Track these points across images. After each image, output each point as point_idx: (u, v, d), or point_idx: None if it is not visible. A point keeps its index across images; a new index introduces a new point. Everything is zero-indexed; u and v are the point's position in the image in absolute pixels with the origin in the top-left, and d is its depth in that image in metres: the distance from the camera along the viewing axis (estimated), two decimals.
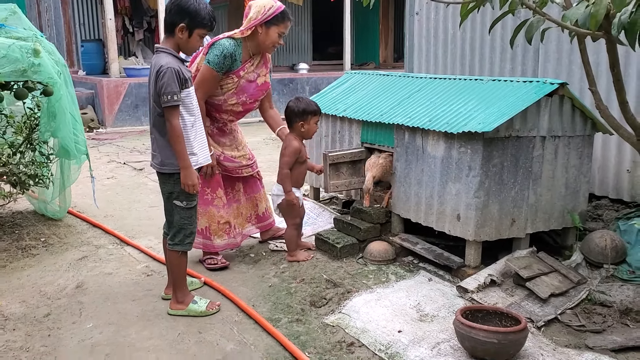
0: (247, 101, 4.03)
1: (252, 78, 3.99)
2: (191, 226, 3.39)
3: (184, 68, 3.22)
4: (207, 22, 3.20)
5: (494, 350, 2.67)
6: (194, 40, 3.23)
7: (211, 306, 3.42)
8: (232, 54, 3.83)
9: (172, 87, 3.07)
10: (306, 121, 3.93)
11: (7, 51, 4.21)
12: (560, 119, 3.58)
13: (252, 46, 3.91)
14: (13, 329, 3.34)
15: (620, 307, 3.27)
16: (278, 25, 3.82)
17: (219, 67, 3.80)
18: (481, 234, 3.45)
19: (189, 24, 3.16)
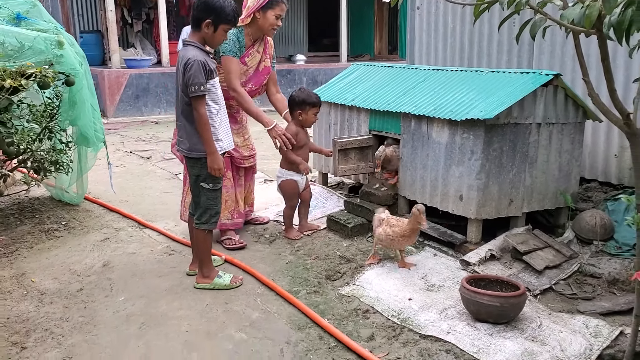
0: (253, 88, 4.39)
1: (257, 66, 4.33)
2: (216, 206, 3.67)
3: (210, 60, 3.49)
4: (232, 18, 3.46)
5: (496, 313, 2.99)
6: (219, 35, 3.49)
7: (235, 280, 3.71)
8: (239, 38, 4.19)
9: (199, 78, 3.34)
10: (304, 111, 4.24)
11: (32, 43, 4.45)
12: (554, 107, 3.89)
13: (253, 32, 4.25)
14: (50, 302, 3.61)
15: (608, 278, 3.60)
16: (274, 8, 4.16)
17: (235, 53, 4.16)
18: (482, 212, 3.76)
19: (215, 20, 3.42)
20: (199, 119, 3.42)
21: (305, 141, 4.35)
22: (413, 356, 2.88)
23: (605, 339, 2.93)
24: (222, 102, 3.61)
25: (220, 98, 3.58)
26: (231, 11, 3.45)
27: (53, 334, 3.22)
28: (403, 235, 3.59)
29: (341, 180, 5.54)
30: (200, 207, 3.65)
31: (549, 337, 2.94)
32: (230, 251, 4.30)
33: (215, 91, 3.52)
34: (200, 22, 3.44)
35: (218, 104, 3.56)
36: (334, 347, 3.03)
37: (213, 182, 3.60)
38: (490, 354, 2.78)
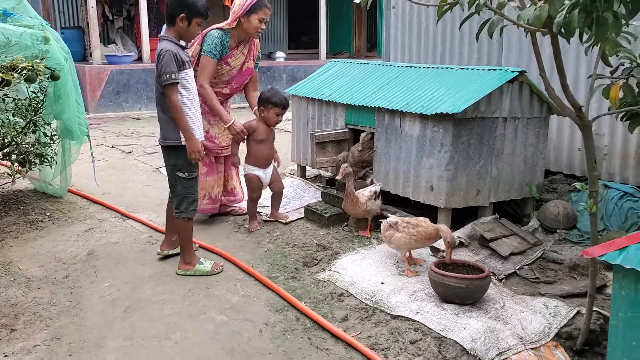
0: (235, 86, 4.64)
1: (240, 66, 4.56)
2: (193, 195, 3.84)
3: (182, 52, 3.70)
4: (204, 11, 3.71)
5: (462, 294, 3.19)
6: (193, 28, 3.73)
7: (215, 266, 3.88)
8: (222, 40, 4.41)
9: (170, 67, 3.55)
10: (266, 109, 4.44)
11: (19, 38, 4.55)
12: (519, 102, 4.11)
13: (238, 34, 4.48)
14: (38, 287, 3.74)
15: (570, 263, 3.83)
16: (257, 12, 4.37)
17: (213, 54, 4.39)
18: (451, 202, 3.97)
19: (188, 14, 3.65)
20: (172, 107, 3.60)
21: (264, 137, 4.51)
22: (384, 334, 3.07)
23: (563, 318, 3.15)
24: (195, 94, 3.80)
25: (193, 89, 3.77)
26: (202, 5, 3.70)
27: (41, 317, 3.36)
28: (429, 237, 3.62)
29: (319, 172, 5.72)
30: (177, 196, 3.83)
31: (511, 316, 3.15)
32: (214, 239, 4.46)
33: (188, 82, 3.71)
34: (174, 17, 3.67)
35: (191, 95, 3.74)
36: (309, 327, 3.21)
37: (189, 171, 3.78)
38: (455, 331, 2.98)
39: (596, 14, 1.92)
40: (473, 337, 2.91)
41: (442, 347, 2.92)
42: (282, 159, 6.92)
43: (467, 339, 2.90)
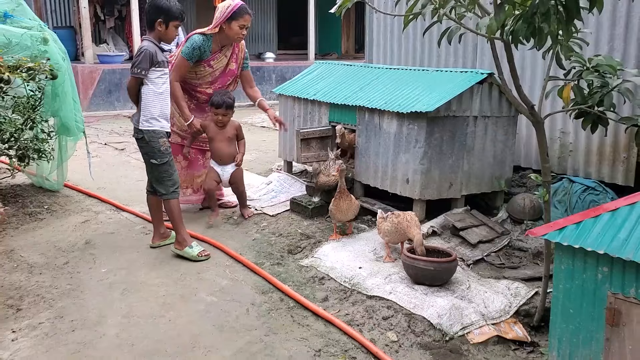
0: (217, 86, 4.96)
1: (224, 68, 4.89)
2: (170, 178, 4.19)
3: (160, 53, 4.09)
4: (179, 15, 4.10)
5: (431, 276, 3.50)
6: (171, 31, 4.11)
7: (202, 253, 4.17)
8: (201, 46, 4.73)
9: (143, 64, 4.00)
10: (211, 110, 4.83)
11: (19, 39, 4.83)
12: (489, 102, 4.42)
13: (221, 39, 4.79)
14: (39, 273, 4.01)
15: (534, 251, 4.15)
16: (237, 19, 4.69)
17: (188, 57, 4.74)
18: (425, 194, 4.28)
19: (165, 19, 4.05)
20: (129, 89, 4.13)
21: (213, 135, 4.83)
22: (360, 312, 3.37)
23: (522, 298, 3.47)
24: (165, 91, 4.15)
25: (162, 87, 4.13)
26: (177, 10, 4.09)
27: (44, 298, 3.63)
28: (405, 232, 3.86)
29: (304, 168, 6.01)
30: (156, 181, 4.21)
31: (476, 296, 3.47)
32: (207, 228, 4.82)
33: (158, 80, 4.09)
34: (153, 22, 4.08)
35: (159, 91, 4.11)
36: (292, 307, 3.51)
37: (160, 157, 4.13)
38: (424, 308, 3.29)
39: (537, 25, 2.23)
40: (439, 313, 3.22)
41: (411, 322, 3.22)
42: (270, 155, 7.27)
43: (434, 315, 3.21)
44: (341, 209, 4.30)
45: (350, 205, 4.30)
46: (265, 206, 5.12)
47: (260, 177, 6.02)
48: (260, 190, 5.52)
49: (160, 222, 4.44)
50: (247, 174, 6.24)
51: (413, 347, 3.08)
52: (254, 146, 7.86)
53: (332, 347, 3.08)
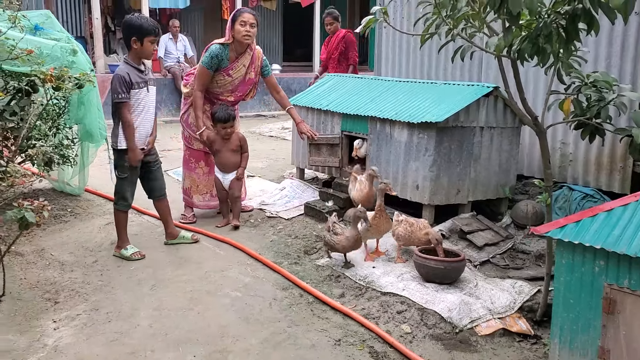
0: (239, 94, 5.26)
1: (243, 77, 5.15)
2: (122, 192, 4.45)
3: (135, 73, 4.29)
4: (152, 29, 4.24)
5: (441, 275, 3.76)
6: (147, 47, 4.27)
7: (135, 254, 4.45)
8: (218, 54, 5.01)
9: (117, 88, 4.21)
10: (215, 125, 5.10)
11: (50, 51, 5.10)
12: (494, 114, 4.71)
13: (236, 47, 5.07)
14: (71, 270, 4.27)
15: (536, 254, 4.41)
16: (237, 19, 5.00)
17: (208, 66, 5.02)
18: (434, 199, 4.55)
19: (139, 36, 4.23)
20: (124, 122, 4.28)
21: (219, 148, 5.13)
22: (375, 307, 3.63)
23: (526, 295, 3.73)
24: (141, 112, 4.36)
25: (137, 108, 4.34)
26: (149, 25, 4.25)
27: (79, 293, 3.89)
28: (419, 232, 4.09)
29: (315, 175, 6.28)
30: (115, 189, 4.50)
31: (483, 293, 3.73)
32: (218, 230, 5.10)
33: (132, 99, 4.29)
34: (129, 42, 4.31)
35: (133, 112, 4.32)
36: (312, 302, 3.77)
37: (120, 172, 4.43)
38: (435, 303, 3.55)
39: (540, 45, 2.51)
40: (450, 308, 3.48)
41: (424, 315, 3.49)
42: (280, 163, 7.54)
43: (445, 310, 3.47)
44: (380, 230, 4.27)
45: (388, 225, 4.25)
46: (280, 210, 5.39)
47: (273, 184, 6.29)
48: (274, 196, 5.79)
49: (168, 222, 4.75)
50: (260, 180, 6.55)
51: (426, 338, 3.34)
52: (264, 154, 8.13)
53: (350, 338, 3.33)
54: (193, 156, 5.35)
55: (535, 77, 5.18)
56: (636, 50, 4.52)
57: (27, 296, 3.81)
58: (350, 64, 8.10)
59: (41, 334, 3.35)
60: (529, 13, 2.53)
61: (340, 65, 8.10)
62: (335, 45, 8.11)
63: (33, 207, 3.37)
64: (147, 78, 4.40)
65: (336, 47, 8.09)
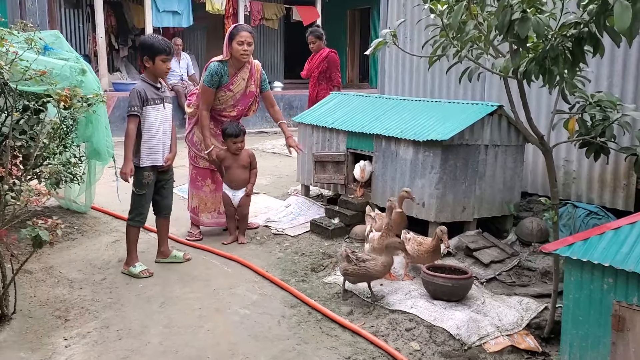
0: (240, 108, 5.32)
1: (243, 91, 5.23)
2: (139, 208, 4.56)
3: (152, 90, 4.41)
4: (163, 48, 4.33)
5: (449, 292, 3.79)
6: (159, 65, 4.37)
7: (144, 272, 4.48)
8: (218, 71, 5.09)
9: (132, 101, 4.35)
10: (226, 140, 5.16)
11: (60, 70, 5.17)
12: (499, 132, 4.77)
13: (234, 63, 5.15)
14: (80, 288, 4.29)
15: (542, 271, 4.45)
16: (235, 38, 5.07)
17: (209, 84, 5.10)
18: (440, 216, 4.60)
19: (150, 55, 4.34)
20: (126, 132, 4.42)
21: (230, 164, 5.18)
22: (384, 324, 3.66)
23: (533, 312, 3.76)
24: (155, 129, 4.43)
25: (152, 124, 4.41)
26: (160, 44, 4.34)
27: (88, 310, 3.91)
28: (427, 251, 4.10)
29: (320, 192, 6.33)
30: (130, 206, 4.60)
31: (490, 310, 3.76)
32: (224, 247, 5.14)
33: (148, 116, 4.39)
34: (142, 61, 4.42)
35: (149, 128, 4.41)
36: (320, 319, 3.79)
37: (138, 188, 4.53)
38: (443, 321, 3.58)
39: (547, 67, 2.57)
40: (458, 325, 3.51)
41: (432, 333, 3.51)
42: (284, 180, 7.59)
43: (453, 327, 3.50)
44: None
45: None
46: (285, 227, 5.43)
47: (278, 201, 6.33)
48: (279, 213, 5.83)
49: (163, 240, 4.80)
50: (265, 197, 6.59)
51: (435, 355, 3.37)
52: (268, 171, 8.18)
53: (360, 355, 3.36)
54: (200, 174, 5.39)
55: (538, 96, 5.25)
56: (637, 70, 4.60)
57: (37, 314, 3.83)
58: (334, 86, 7.92)
59: (53, 351, 3.38)
60: (536, 36, 2.59)
61: (320, 84, 7.97)
62: (317, 63, 7.98)
63: (47, 226, 3.39)
64: (163, 95, 4.49)
65: (317, 66, 7.96)
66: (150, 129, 4.42)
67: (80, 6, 14.05)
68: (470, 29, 2.74)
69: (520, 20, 2.43)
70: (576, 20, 2.58)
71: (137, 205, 4.55)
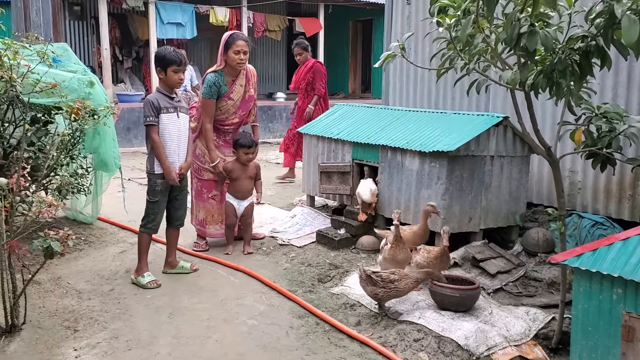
0: (242, 114, 5.35)
1: (242, 97, 5.26)
2: (152, 215, 4.58)
3: (165, 99, 4.48)
4: (174, 60, 4.41)
5: (456, 302, 3.81)
6: (171, 76, 4.44)
7: (151, 282, 4.50)
8: (216, 82, 5.12)
9: (145, 112, 4.44)
10: (237, 150, 5.20)
11: (68, 83, 5.22)
12: (504, 143, 4.80)
13: (229, 71, 5.18)
14: (88, 298, 4.31)
15: (548, 281, 4.46)
16: (232, 47, 5.09)
17: (209, 96, 5.13)
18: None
19: (162, 66, 4.44)
20: (152, 143, 4.46)
21: (238, 175, 5.22)
22: (392, 335, 3.67)
23: (540, 322, 3.77)
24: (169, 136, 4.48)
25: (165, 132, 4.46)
26: (171, 55, 4.42)
27: (97, 321, 3.93)
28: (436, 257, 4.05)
29: (325, 203, 6.35)
30: (144, 213, 4.62)
31: (498, 321, 3.77)
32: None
33: (162, 124, 4.45)
34: (157, 72, 4.54)
35: (163, 135, 4.46)
36: (328, 330, 3.81)
37: (152, 196, 4.56)
38: (452, 331, 3.59)
39: (555, 80, 2.61)
40: (466, 335, 3.52)
41: (440, 343, 3.52)
42: (288, 191, 7.62)
43: (462, 337, 3.51)
44: (397, 259, 4.09)
45: (407, 257, 4.10)
46: (291, 238, 5.45)
47: (284, 211, 6.36)
48: (285, 223, 5.86)
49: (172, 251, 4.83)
50: (271, 208, 6.61)
51: None
52: (272, 182, 8.22)
53: None
54: (205, 187, 5.37)
55: (542, 108, 5.28)
56: None
57: (47, 324, 3.85)
58: (315, 95, 7.94)
59: None
60: (544, 49, 2.63)
61: (308, 96, 7.99)
62: (303, 75, 8.01)
63: (58, 237, 3.42)
64: (177, 105, 4.54)
65: (304, 77, 7.98)
66: (164, 137, 4.47)
67: (84, 18, 14.16)
68: (478, 42, 2.78)
69: (528, 34, 2.47)
70: (584, 34, 2.61)
71: (150, 212, 4.59)
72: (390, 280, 3.78)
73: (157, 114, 4.41)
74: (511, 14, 2.56)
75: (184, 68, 4.50)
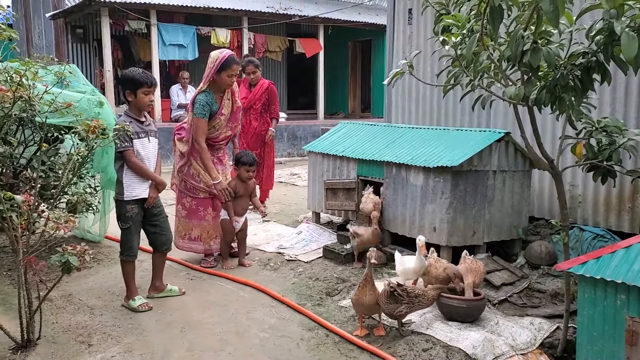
0: (233, 125, 5.44)
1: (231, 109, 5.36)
2: (126, 243, 4.50)
3: (135, 125, 4.29)
4: (144, 81, 4.24)
5: (463, 313, 3.89)
6: (142, 98, 4.28)
7: (143, 305, 4.45)
8: (208, 101, 5.18)
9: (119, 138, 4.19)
10: (238, 168, 5.31)
11: (79, 103, 5.34)
12: (506, 158, 4.91)
13: (215, 89, 5.24)
14: (100, 314, 4.38)
15: (551, 292, 4.54)
16: (226, 70, 5.14)
17: (203, 115, 5.16)
18: (451, 241, 4.71)
19: (132, 88, 4.27)
20: (132, 166, 4.32)
21: (242, 193, 5.33)
22: (400, 345, 3.74)
23: (545, 332, 3.86)
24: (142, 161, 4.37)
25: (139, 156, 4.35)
26: (141, 77, 4.25)
27: (111, 336, 3.99)
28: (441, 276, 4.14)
29: (330, 219, 6.45)
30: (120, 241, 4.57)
31: (504, 330, 3.85)
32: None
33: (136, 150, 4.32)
34: (125, 96, 4.36)
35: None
36: (338, 342, 3.88)
37: (123, 222, 4.47)
38: (459, 341, 3.67)
39: (557, 94, 2.73)
40: (474, 345, 3.60)
41: (449, 353, 3.60)
42: (293, 208, 7.71)
43: (469, 347, 3.59)
44: (362, 302, 3.83)
45: (373, 299, 3.80)
46: (298, 254, 5.53)
47: (290, 228, 6.44)
48: (291, 240, 5.95)
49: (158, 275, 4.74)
50: (276, 225, 6.71)
51: None
52: (277, 199, 8.31)
53: None
54: (201, 205, 5.36)
55: (542, 122, 5.41)
56: (639, 97, 4.76)
57: (61, 339, 3.91)
58: (272, 118, 7.66)
59: None
60: (547, 65, 2.75)
61: (262, 117, 7.67)
62: (258, 96, 7.65)
63: (75, 252, 3.51)
64: (147, 129, 4.44)
65: (259, 98, 7.64)
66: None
67: (87, 41, 14.36)
68: (483, 59, 2.90)
69: (532, 51, 2.59)
70: (585, 50, 2.74)
71: (124, 239, 4.51)
72: (415, 295, 3.77)
73: (130, 139, 4.25)
74: (515, 32, 2.69)
75: (154, 89, 4.38)
